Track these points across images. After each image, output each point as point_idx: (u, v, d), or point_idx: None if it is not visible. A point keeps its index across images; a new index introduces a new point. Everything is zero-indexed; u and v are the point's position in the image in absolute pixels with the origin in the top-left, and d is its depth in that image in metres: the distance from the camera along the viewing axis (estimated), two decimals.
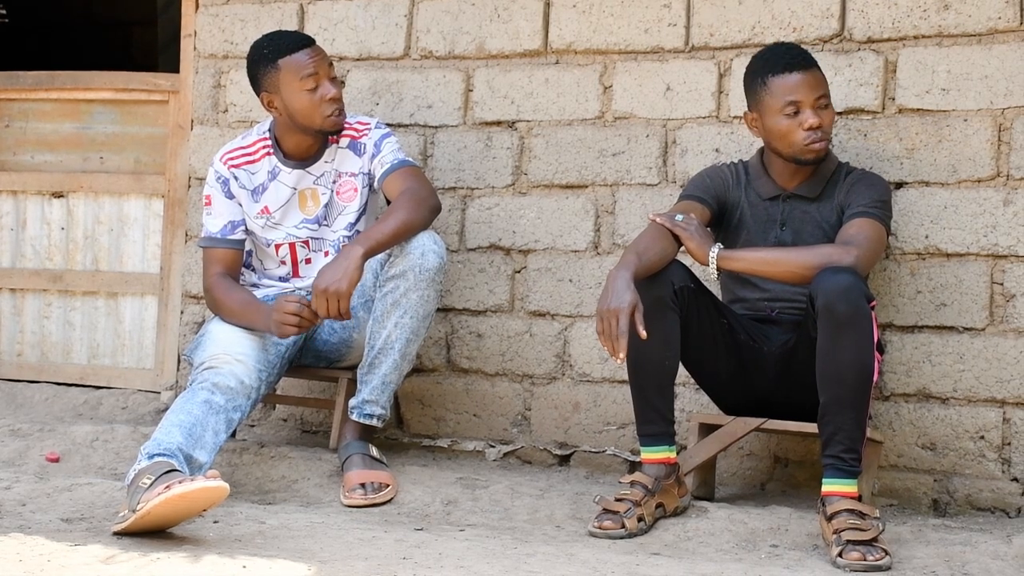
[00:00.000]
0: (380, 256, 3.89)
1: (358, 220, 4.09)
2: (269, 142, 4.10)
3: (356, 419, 3.96)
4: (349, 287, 3.73)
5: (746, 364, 3.71)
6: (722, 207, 3.79)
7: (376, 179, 4.06)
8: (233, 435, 4.09)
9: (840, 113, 3.97)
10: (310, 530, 3.43)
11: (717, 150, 4.11)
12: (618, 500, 3.56)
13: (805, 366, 3.51)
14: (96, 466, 4.18)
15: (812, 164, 3.70)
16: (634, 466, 3.98)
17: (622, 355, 3.38)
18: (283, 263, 4.14)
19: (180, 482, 3.23)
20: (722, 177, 3.82)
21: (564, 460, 4.31)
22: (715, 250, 3.58)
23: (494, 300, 4.38)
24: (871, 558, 3.24)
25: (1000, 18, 3.84)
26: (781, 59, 3.68)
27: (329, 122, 4.00)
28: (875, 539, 3.29)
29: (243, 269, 4.15)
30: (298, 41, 4.03)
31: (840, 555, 3.26)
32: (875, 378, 3.47)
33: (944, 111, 3.90)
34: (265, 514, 3.59)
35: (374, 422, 3.96)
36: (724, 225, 3.81)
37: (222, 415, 3.72)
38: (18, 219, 5.08)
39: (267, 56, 4.01)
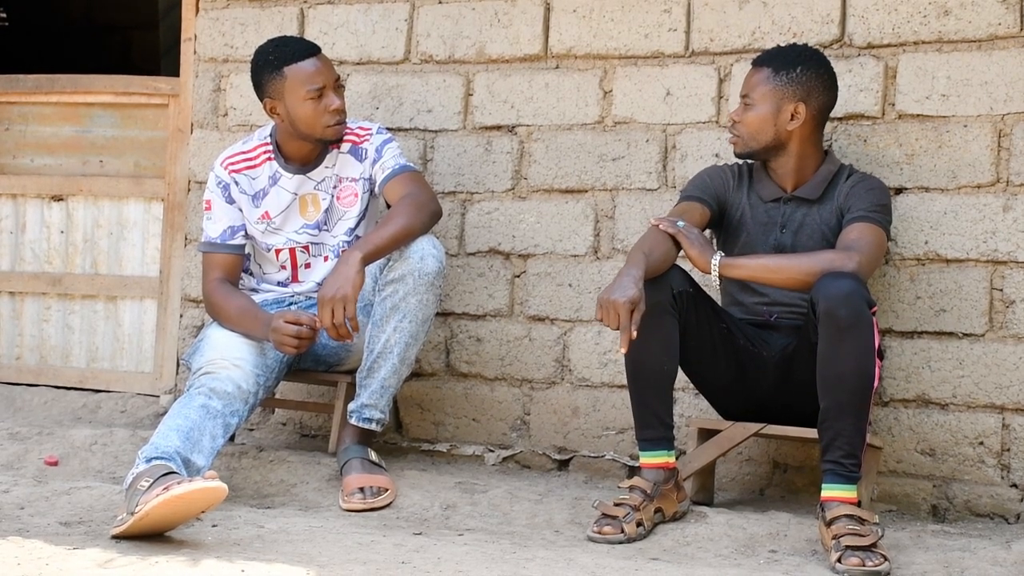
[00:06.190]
0: (380, 260, 3.89)
1: (358, 225, 4.09)
2: (270, 147, 4.10)
3: (355, 423, 3.96)
4: (353, 292, 3.73)
5: (745, 369, 3.71)
6: (722, 207, 3.79)
7: (377, 184, 4.06)
8: (232, 439, 4.10)
9: (840, 119, 3.97)
10: (309, 534, 3.43)
11: (717, 155, 4.11)
12: (617, 505, 3.55)
13: (804, 371, 3.50)
14: (95, 470, 4.18)
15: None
16: (633, 471, 3.98)
17: (623, 350, 3.40)
18: (283, 268, 4.14)
19: (179, 483, 3.23)
20: (723, 177, 3.82)
21: (563, 465, 4.30)
22: (716, 258, 3.58)
23: (493, 304, 4.38)
24: (870, 564, 3.24)
25: (1000, 24, 3.85)
26: None
27: (330, 132, 4.01)
28: (874, 545, 3.29)
29: (242, 274, 4.15)
30: (305, 49, 4.02)
31: (839, 560, 3.26)
32: (875, 384, 3.47)
33: (944, 117, 3.90)
34: (264, 518, 3.59)
35: (373, 426, 3.96)
36: (724, 226, 3.82)
37: (219, 420, 3.71)
38: (17, 222, 5.08)
39: (272, 63, 4.00)
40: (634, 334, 3.39)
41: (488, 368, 4.38)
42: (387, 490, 3.86)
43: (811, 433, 3.55)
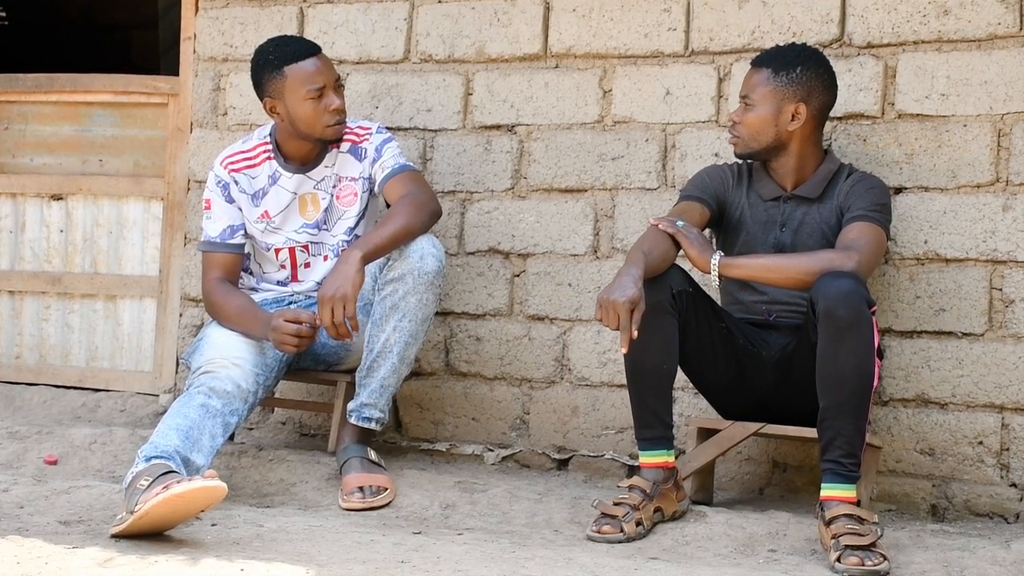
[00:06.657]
0: (379, 260, 3.89)
1: (357, 224, 4.09)
2: (270, 146, 4.10)
3: (354, 422, 3.96)
4: (353, 291, 3.73)
5: (744, 369, 3.71)
6: (721, 207, 3.80)
7: (377, 183, 4.06)
8: (231, 438, 4.10)
9: (839, 118, 3.97)
10: (308, 533, 3.43)
11: (716, 154, 4.11)
12: (616, 504, 3.56)
13: (804, 371, 3.50)
14: (94, 468, 4.18)
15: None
16: (632, 470, 3.98)
17: (624, 349, 3.41)
18: (282, 267, 4.14)
19: (178, 482, 3.23)
20: (722, 176, 3.82)
21: (562, 464, 4.31)
22: (716, 258, 3.58)
23: (493, 304, 4.38)
24: (869, 563, 3.24)
25: (1000, 24, 3.85)
26: None
27: (330, 131, 4.01)
28: (873, 544, 3.29)
29: (242, 273, 4.15)
30: (305, 49, 4.02)
31: (838, 560, 3.26)
32: (875, 383, 3.47)
33: (944, 116, 3.90)
34: (263, 517, 3.59)
35: (372, 425, 3.96)
36: (723, 225, 3.82)
37: (219, 419, 3.71)
38: (17, 221, 5.08)
39: (273, 62, 4.00)
40: (635, 334, 3.39)
41: (487, 367, 4.38)
42: (386, 489, 3.86)
43: (810, 433, 3.55)
